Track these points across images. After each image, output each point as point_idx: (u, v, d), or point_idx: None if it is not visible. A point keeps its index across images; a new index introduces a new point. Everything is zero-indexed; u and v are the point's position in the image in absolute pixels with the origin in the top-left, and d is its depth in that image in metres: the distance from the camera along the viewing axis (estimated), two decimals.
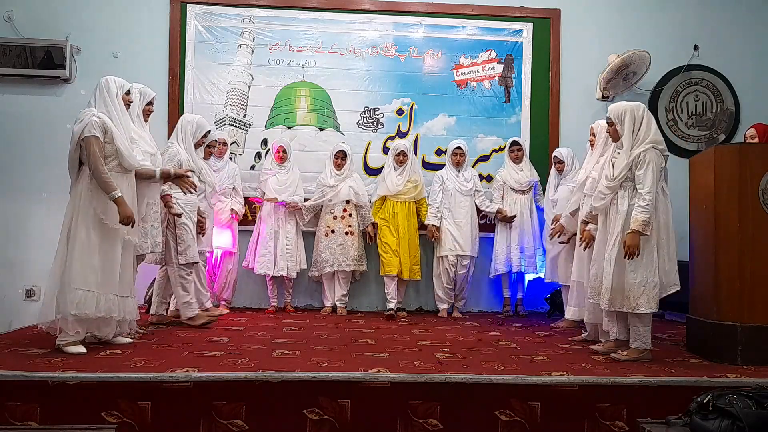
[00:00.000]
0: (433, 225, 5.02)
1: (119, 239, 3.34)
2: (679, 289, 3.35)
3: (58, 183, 5.21)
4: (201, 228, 4.35)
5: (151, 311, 4.29)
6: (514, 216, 5.05)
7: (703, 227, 3.62)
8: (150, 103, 3.88)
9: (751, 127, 4.41)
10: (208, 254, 4.69)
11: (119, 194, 3.24)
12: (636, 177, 3.29)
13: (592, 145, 4.12)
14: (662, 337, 4.20)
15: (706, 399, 2.42)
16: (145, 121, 3.85)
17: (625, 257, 3.25)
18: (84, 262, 3.22)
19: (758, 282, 3.34)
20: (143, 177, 3.58)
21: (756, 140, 4.24)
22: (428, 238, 5.07)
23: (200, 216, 4.28)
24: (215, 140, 4.71)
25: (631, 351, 3.34)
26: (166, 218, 4.02)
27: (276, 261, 4.93)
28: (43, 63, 5.14)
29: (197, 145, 4.25)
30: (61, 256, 3.27)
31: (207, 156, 4.54)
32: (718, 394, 2.43)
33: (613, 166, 3.41)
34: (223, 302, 5.05)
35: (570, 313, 4.30)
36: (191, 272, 4.17)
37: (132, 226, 3.34)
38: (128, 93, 3.55)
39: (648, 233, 3.23)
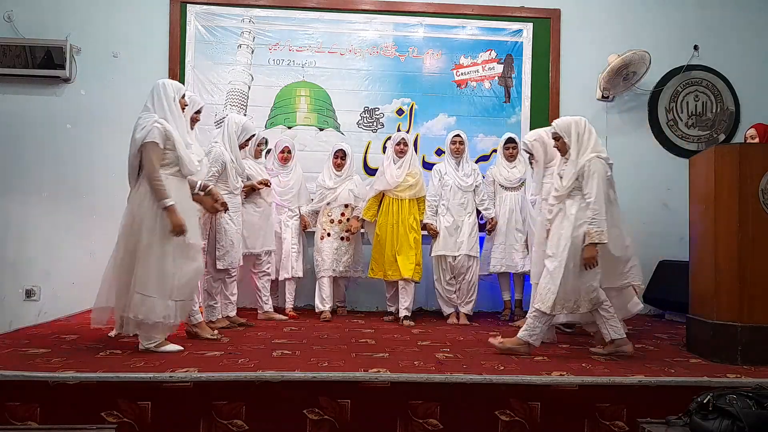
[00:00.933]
0: (431, 223, 4.81)
1: (182, 243, 3.29)
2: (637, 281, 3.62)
3: (58, 183, 5.26)
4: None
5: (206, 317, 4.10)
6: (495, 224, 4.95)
7: (703, 227, 3.62)
8: (198, 112, 3.83)
9: (751, 127, 4.42)
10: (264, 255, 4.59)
11: (171, 203, 3.18)
12: (583, 188, 3.41)
13: (531, 164, 4.36)
14: (662, 337, 4.20)
15: (706, 399, 2.42)
16: (191, 129, 3.78)
17: (586, 268, 3.37)
18: (152, 269, 3.19)
19: (758, 282, 3.34)
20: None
21: (756, 140, 4.24)
22: (431, 236, 4.87)
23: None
24: (263, 138, 4.72)
25: (514, 339, 3.49)
26: (209, 221, 4.01)
27: (281, 264, 4.84)
28: (43, 63, 5.14)
29: (241, 147, 4.21)
30: (122, 261, 3.23)
31: (257, 155, 4.56)
32: (718, 394, 2.43)
33: (561, 177, 3.53)
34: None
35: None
36: (224, 278, 4.17)
37: (183, 235, 3.25)
38: (183, 96, 3.50)
39: (605, 241, 3.35)
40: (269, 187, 4.58)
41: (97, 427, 2.54)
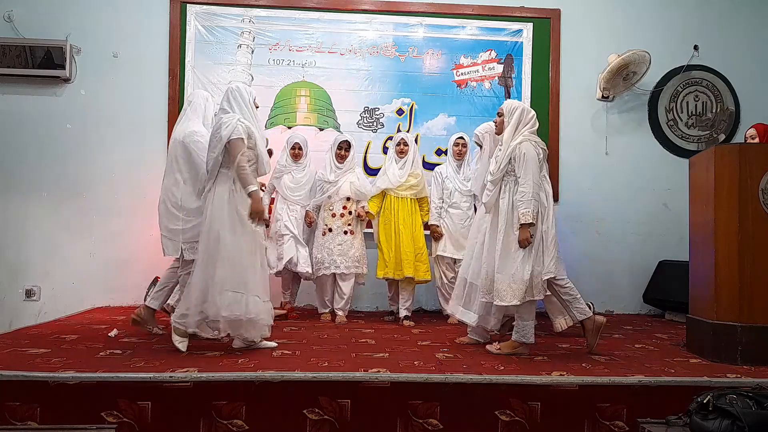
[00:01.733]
0: (435, 224, 4.81)
1: (258, 240, 3.40)
2: (552, 275, 3.40)
3: (58, 183, 5.26)
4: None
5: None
6: None
7: (703, 227, 3.62)
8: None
9: (751, 127, 4.41)
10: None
11: (255, 188, 3.32)
12: (516, 171, 3.42)
13: (478, 154, 4.32)
14: (662, 337, 4.20)
15: (706, 399, 2.42)
16: None
17: (521, 248, 3.37)
18: (233, 264, 3.26)
19: (758, 282, 3.34)
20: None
21: (756, 140, 4.24)
22: (433, 237, 4.85)
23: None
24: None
25: (505, 345, 3.49)
26: None
27: (298, 259, 4.66)
28: (43, 63, 5.14)
29: None
30: (204, 258, 3.30)
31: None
32: (718, 394, 2.43)
33: (495, 161, 3.55)
34: None
35: (456, 311, 4.02)
36: None
37: (261, 222, 3.39)
38: (255, 99, 3.57)
39: (532, 221, 3.35)
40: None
41: (97, 427, 2.54)
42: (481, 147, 4.21)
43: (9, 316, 5.05)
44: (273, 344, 3.47)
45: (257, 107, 3.58)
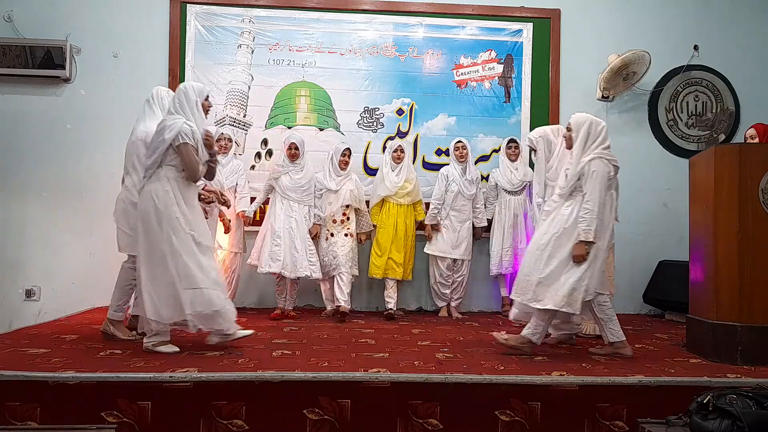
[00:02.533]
0: (431, 225, 5.02)
1: (195, 239, 3.34)
2: (592, 297, 3.39)
3: (58, 183, 5.26)
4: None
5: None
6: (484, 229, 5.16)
7: (703, 227, 3.62)
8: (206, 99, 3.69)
9: (751, 127, 4.41)
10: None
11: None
12: (583, 187, 3.38)
13: (535, 153, 4.31)
14: (662, 337, 4.20)
15: (706, 399, 2.42)
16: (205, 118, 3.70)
17: (574, 263, 3.34)
18: (182, 263, 3.22)
19: (758, 282, 3.34)
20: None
21: (756, 140, 4.24)
22: (426, 236, 5.05)
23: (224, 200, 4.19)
24: (222, 135, 4.69)
25: (513, 337, 3.49)
26: None
27: (295, 262, 4.69)
28: (43, 63, 5.14)
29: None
30: (149, 261, 3.24)
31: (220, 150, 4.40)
32: (718, 394, 2.43)
33: (566, 176, 3.50)
34: None
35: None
36: None
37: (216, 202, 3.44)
38: (207, 98, 3.51)
39: (592, 239, 3.32)
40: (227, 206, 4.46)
41: (97, 427, 2.54)
42: (535, 151, 4.29)
43: (9, 316, 5.05)
44: (249, 332, 3.46)
45: (210, 106, 3.53)
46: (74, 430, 2.50)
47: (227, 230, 4.74)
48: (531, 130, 5.46)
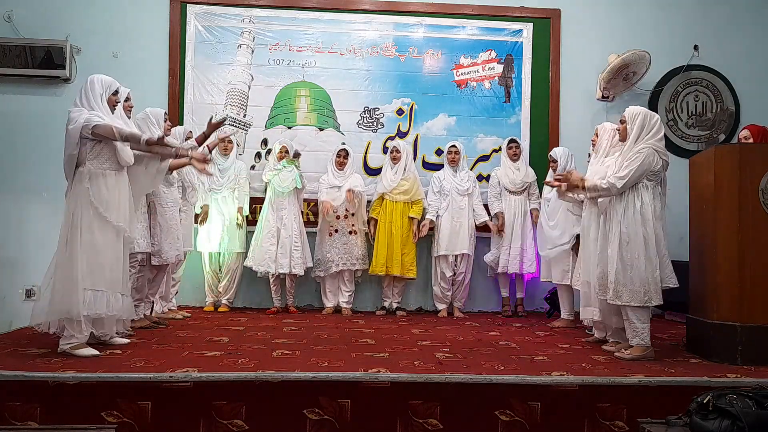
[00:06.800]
0: (428, 219, 5.09)
1: (121, 236, 3.34)
2: (672, 285, 3.40)
3: (58, 183, 5.20)
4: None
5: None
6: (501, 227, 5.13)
7: (703, 227, 3.62)
8: (127, 99, 3.73)
9: (744, 128, 4.38)
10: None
11: (147, 136, 3.31)
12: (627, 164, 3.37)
13: (593, 145, 4.16)
14: (662, 337, 4.20)
15: (706, 399, 2.42)
16: (128, 117, 3.71)
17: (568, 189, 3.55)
18: (91, 262, 3.20)
19: (758, 282, 3.34)
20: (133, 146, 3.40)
21: (750, 141, 4.22)
22: (420, 230, 5.10)
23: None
24: (226, 134, 4.84)
25: (634, 349, 3.36)
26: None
27: (277, 258, 4.88)
28: (43, 63, 5.14)
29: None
30: (63, 257, 3.24)
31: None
32: (718, 394, 2.42)
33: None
34: (224, 302, 5.07)
35: (588, 313, 4.02)
36: (156, 275, 4.13)
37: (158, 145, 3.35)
38: (116, 93, 3.45)
39: (596, 192, 3.47)
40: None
41: (97, 427, 2.54)
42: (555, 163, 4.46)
43: (9, 316, 5.04)
44: (125, 341, 3.41)
45: (116, 103, 3.45)
46: (74, 430, 2.50)
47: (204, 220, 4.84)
48: (531, 130, 5.56)
